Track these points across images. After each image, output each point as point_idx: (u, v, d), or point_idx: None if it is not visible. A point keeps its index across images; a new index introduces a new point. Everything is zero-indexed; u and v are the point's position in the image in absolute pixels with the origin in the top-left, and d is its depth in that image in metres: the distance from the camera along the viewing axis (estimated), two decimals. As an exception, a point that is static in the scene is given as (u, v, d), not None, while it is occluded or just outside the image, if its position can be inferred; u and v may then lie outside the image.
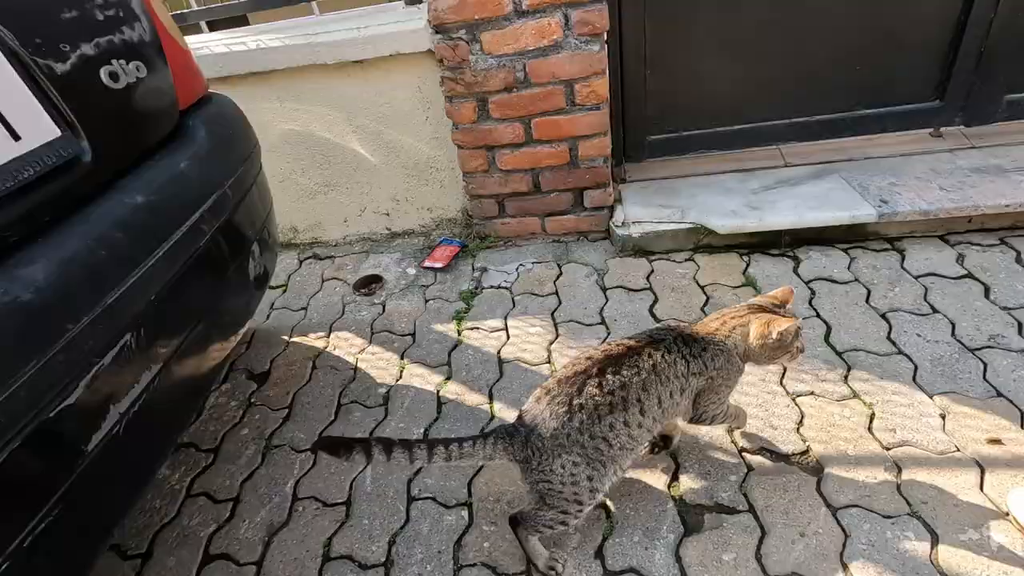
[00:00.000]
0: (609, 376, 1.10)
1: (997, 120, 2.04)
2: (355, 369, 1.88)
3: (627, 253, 2.10)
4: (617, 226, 2.07)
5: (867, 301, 1.73)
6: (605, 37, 1.90)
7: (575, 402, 1.08)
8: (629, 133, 2.21)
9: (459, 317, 1.99)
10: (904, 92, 2.03)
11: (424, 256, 2.29)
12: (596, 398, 1.08)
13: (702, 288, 1.90)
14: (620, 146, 2.22)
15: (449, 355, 1.85)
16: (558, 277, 2.08)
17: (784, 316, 1.17)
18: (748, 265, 1.95)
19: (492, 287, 2.10)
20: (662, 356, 1.13)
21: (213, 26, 2.37)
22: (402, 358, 1.88)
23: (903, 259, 1.85)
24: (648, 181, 2.25)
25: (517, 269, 2.15)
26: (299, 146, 2.26)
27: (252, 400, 1.85)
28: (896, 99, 2.05)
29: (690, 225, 2.00)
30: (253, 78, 2.10)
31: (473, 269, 2.20)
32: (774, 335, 1.13)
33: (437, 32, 1.84)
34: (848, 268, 1.85)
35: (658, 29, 1.98)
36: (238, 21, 2.48)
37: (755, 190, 2.06)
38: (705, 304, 1.84)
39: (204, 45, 2.09)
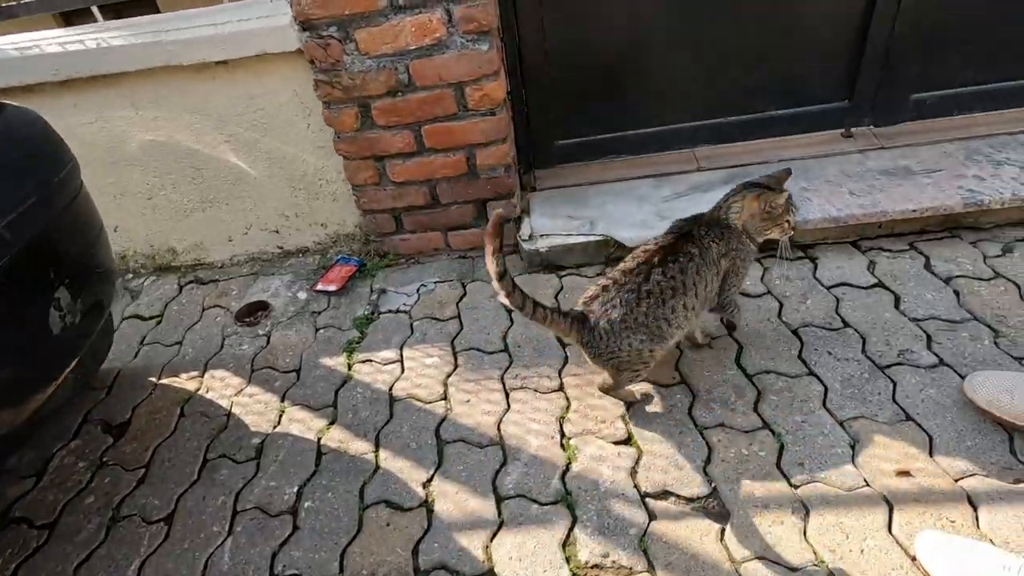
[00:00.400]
0: (671, 264, 1.26)
1: (905, 120, 2.00)
2: (228, 415, 1.66)
3: (535, 269, 1.94)
4: (524, 240, 1.92)
5: (779, 316, 1.64)
6: (498, 35, 1.73)
7: (643, 288, 1.24)
8: (536, 137, 2.05)
9: (351, 348, 1.79)
10: (814, 93, 1.96)
11: (318, 278, 2.07)
12: (661, 284, 1.25)
13: (612, 306, 1.77)
14: (528, 151, 2.06)
15: (336, 394, 1.65)
16: (461, 298, 1.90)
17: (778, 191, 1.30)
18: (661, 279, 1.83)
19: (390, 311, 1.91)
20: (703, 243, 1.30)
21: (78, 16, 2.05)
22: (283, 400, 1.67)
23: (815, 268, 1.77)
24: (558, 189, 2.10)
25: (418, 290, 1.96)
26: (165, 158, 1.99)
27: (104, 459, 1.59)
28: (807, 100, 1.97)
29: (599, 238, 1.86)
30: (100, 82, 1.81)
31: (371, 291, 2.00)
32: (765, 207, 1.29)
33: (304, 29, 1.62)
34: (761, 280, 1.76)
35: (559, 26, 1.83)
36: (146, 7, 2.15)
37: (667, 198, 1.95)
38: (615, 324, 1.71)
39: (34, 44, 1.78)
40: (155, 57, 1.73)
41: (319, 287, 2.02)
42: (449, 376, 1.64)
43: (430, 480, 1.38)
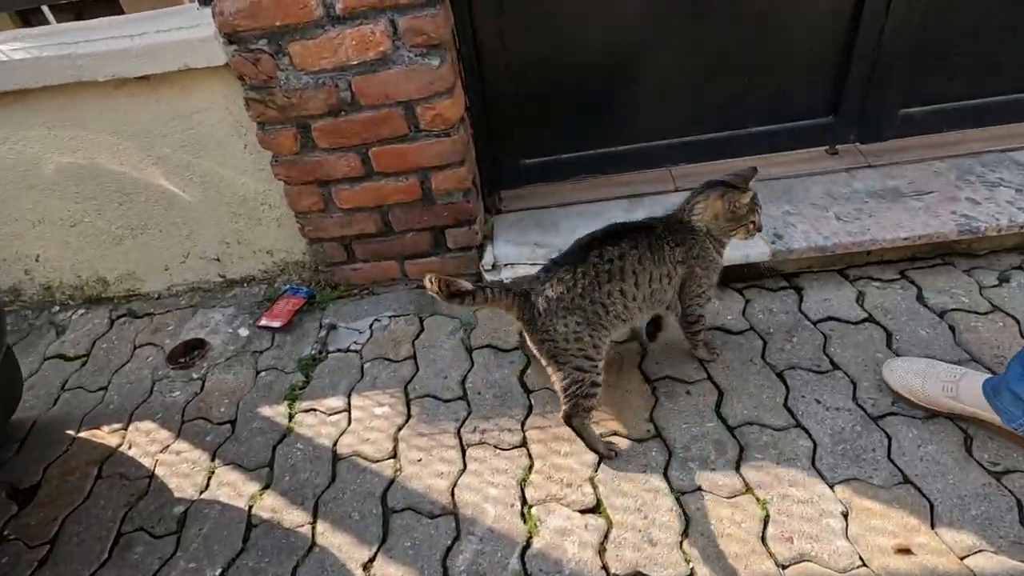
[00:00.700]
0: (610, 247, 1.23)
1: (892, 137, 1.87)
2: (151, 477, 1.47)
3: (500, 301, 1.78)
4: (486, 270, 1.75)
5: (763, 356, 1.50)
6: (454, 47, 1.57)
7: (579, 268, 1.21)
8: (500, 156, 1.89)
9: (293, 395, 1.61)
10: (797, 108, 1.82)
11: (262, 311, 1.88)
12: (597, 265, 1.21)
13: (582, 345, 1.62)
14: (493, 170, 1.90)
15: (273, 451, 1.48)
16: (418, 335, 1.73)
17: (743, 190, 1.24)
18: (635, 312, 1.68)
19: (339, 351, 1.73)
20: (655, 238, 1.26)
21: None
22: (213, 458, 1.49)
23: (801, 300, 1.63)
24: (525, 212, 1.94)
25: (371, 326, 1.79)
26: (87, 182, 1.79)
27: (5, 532, 1.40)
28: (789, 115, 1.84)
29: (569, 267, 1.70)
30: (8, 98, 1.61)
31: (320, 327, 1.82)
32: (729, 207, 1.23)
33: (231, 42, 1.43)
34: (743, 314, 1.62)
35: (521, 37, 1.66)
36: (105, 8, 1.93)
37: (641, 222, 1.79)
38: (584, 366, 1.56)
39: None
40: (65, 72, 1.53)
41: (262, 323, 1.83)
42: (400, 429, 1.47)
43: (372, 560, 1.21)
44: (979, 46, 1.70)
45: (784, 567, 1.09)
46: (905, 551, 1.07)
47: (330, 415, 1.54)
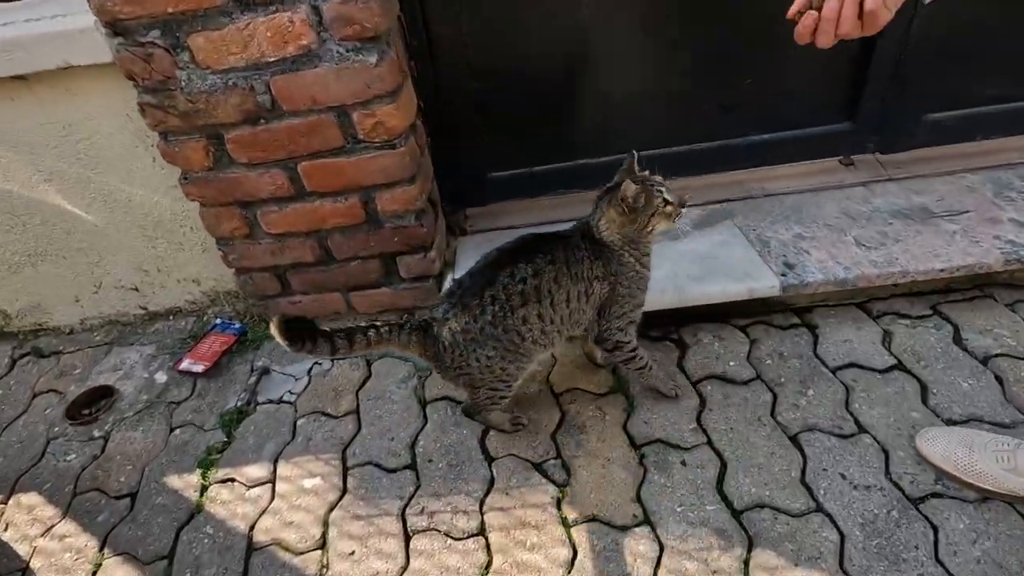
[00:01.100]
0: (521, 266, 1.05)
1: (918, 146, 1.62)
2: (24, 571, 1.19)
3: (462, 340, 1.52)
4: (446, 304, 1.48)
5: (772, 414, 1.24)
6: (400, 41, 1.30)
7: (487, 293, 1.04)
8: (464, 169, 1.62)
9: (209, 461, 1.34)
10: (808, 112, 1.57)
11: (185, 351, 1.61)
12: (508, 288, 1.04)
13: (556, 397, 1.35)
14: (456, 186, 1.63)
15: (177, 536, 1.20)
16: (364, 382, 1.46)
17: (623, 182, 1.04)
18: (620, 356, 1.42)
19: (271, 402, 1.46)
20: (573, 250, 1.08)
21: None
22: (103, 546, 1.21)
23: (816, 341, 1.38)
24: (494, 232, 1.67)
25: (310, 371, 1.51)
26: (-32, 202, 1.50)
27: None
28: (798, 121, 1.58)
29: (542, 302, 1.44)
30: None
31: (252, 370, 1.54)
32: (625, 207, 1.04)
33: (116, 34, 1.15)
34: (748, 358, 1.36)
35: (483, 31, 1.40)
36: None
37: (628, 247, 1.53)
38: (559, 426, 1.29)
39: None
40: (-83, 71, 1.25)
41: (183, 366, 1.56)
42: (333, 509, 1.20)
43: None
44: (1020, 41, 1.45)
45: None
46: None
47: (250, 487, 1.27)
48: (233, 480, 1.29)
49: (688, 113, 1.58)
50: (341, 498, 1.22)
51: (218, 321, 1.67)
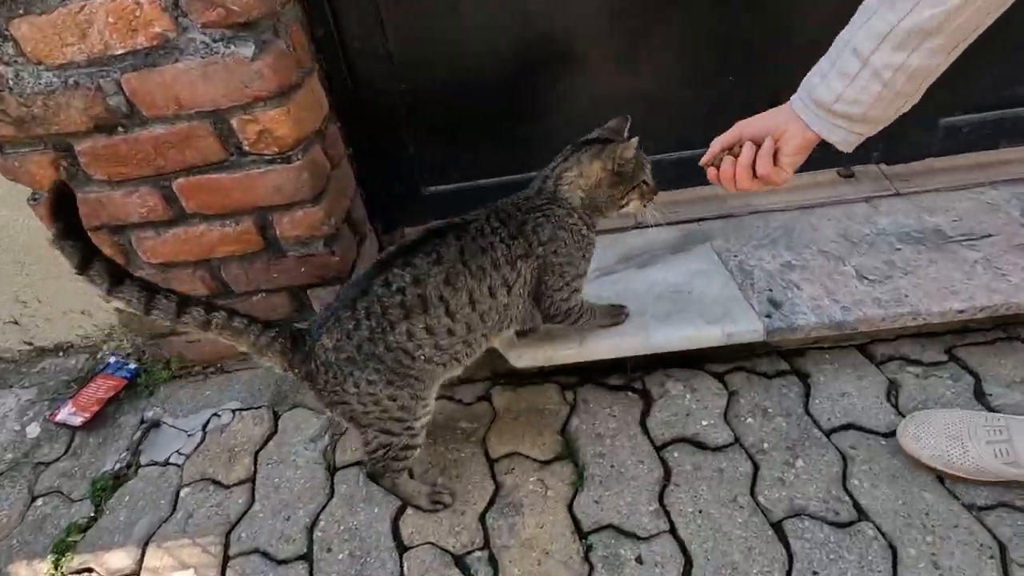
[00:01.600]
0: (398, 271, 0.86)
1: (929, 155, 1.38)
2: None
3: (388, 388, 1.28)
4: (368, 345, 1.24)
5: (752, 492, 1.00)
6: (303, 30, 1.06)
7: (359, 304, 0.86)
8: (395, 183, 1.38)
9: (66, 544, 1.10)
10: (799, 115, 1.32)
11: (67, 396, 1.37)
12: (383, 300, 0.85)
13: (491, 464, 1.11)
14: (386, 202, 1.39)
15: (7, 649, 0.97)
16: (267, 441, 1.22)
17: (621, 141, 0.95)
18: (572, 410, 1.18)
19: (155, 464, 1.22)
20: (472, 240, 0.90)
21: None
22: (-84, 660, 0.98)
23: (808, 393, 1.14)
24: (433, 256, 1.43)
25: (206, 425, 1.27)
26: None
27: None
28: (788, 125, 1.34)
29: (480, 344, 1.20)
30: None
31: (143, 421, 1.31)
32: (613, 167, 0.93)
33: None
34: (724, 416, 1.12)
35: (406, 17, 1.15)
36: None
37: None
38: (491, 502, 1.05)
39: None
40: None
41: (60, 416, 1.32)
42: (202, 614, 0.97)
43: None
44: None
45: None
46: None
47: (110, 581, 1.03)
48: (90, 571, 1.05)
49: (660, 117, 1.34)
50: (215, 599, 0.98)
51: (112, 360, 1.43)
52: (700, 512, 0.98)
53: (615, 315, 1.14)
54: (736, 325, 1.11)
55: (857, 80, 0.60)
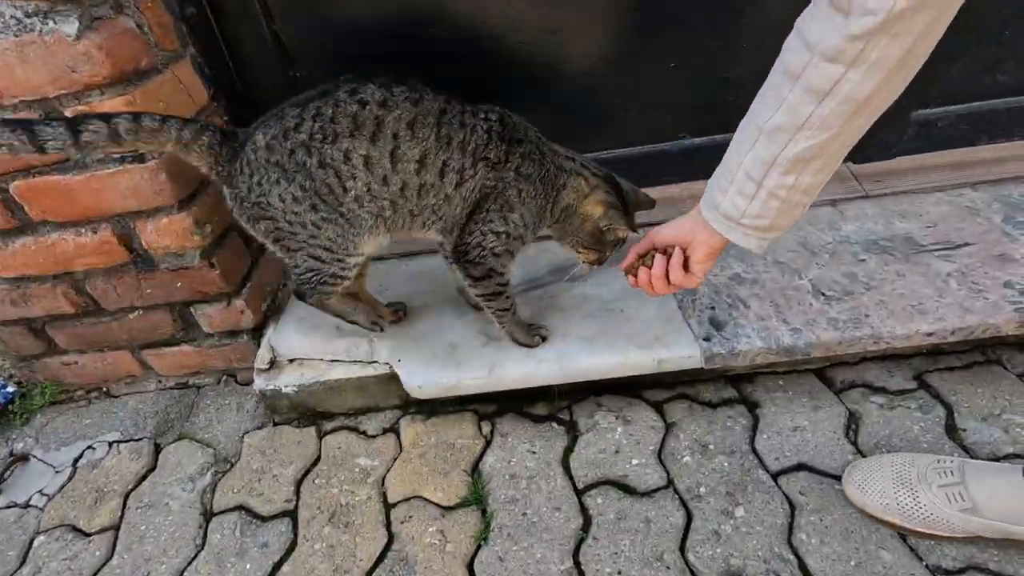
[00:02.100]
0: (373, 86, 0.79)
1: (901, 152, 1.23)
2: None
3: (285, 417, 1.12)
4: (261, 369, 1.09)
5: (682, 548, 0.85)
6: (161, 5, 0.91)
7: (312, 103, 0.79)
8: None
9: None
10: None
11: (-68, 426, 1.22)
12: (343, 105, 0.78)
13: (387, 510, 0.96)
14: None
15: None
16: (142, 479, 1.07)
17: (628, 221, 0.92)
18: (487, 445, 1.03)
19: (14, 505, 1.06)
20: (460, 112, 0.83)
21: None
22: None
23: (755, 426, 0.99)
24: (348, 266, 1.27)
25: (77, 460, 1.12)
26: None
27: None
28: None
29: (386, 370, 1.05)
30: None
31: (11, 454, 1.15)
32: (608, 227, 0.91)
33: None
34: (659, 453, 0.97)
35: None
36: None
37: (516, 287, 1.14)
38: (380, 558, 0.90)
39: None
40: None
41: (-82, 450, 1.17)
42: None
43: None
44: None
45: None
46: None
47: (-69, 653, 0.88)
48: (-88, 639, 0.90)
49: (603, 109, 1.19)
50: (46, 678, 0.83)
51: (-11, 382, 1.28)
52: (619, 573, 0.84)
53: (530, 336, 0.99)
54: (669, 350, 0.95)
55: (756, 199, 0.63)
